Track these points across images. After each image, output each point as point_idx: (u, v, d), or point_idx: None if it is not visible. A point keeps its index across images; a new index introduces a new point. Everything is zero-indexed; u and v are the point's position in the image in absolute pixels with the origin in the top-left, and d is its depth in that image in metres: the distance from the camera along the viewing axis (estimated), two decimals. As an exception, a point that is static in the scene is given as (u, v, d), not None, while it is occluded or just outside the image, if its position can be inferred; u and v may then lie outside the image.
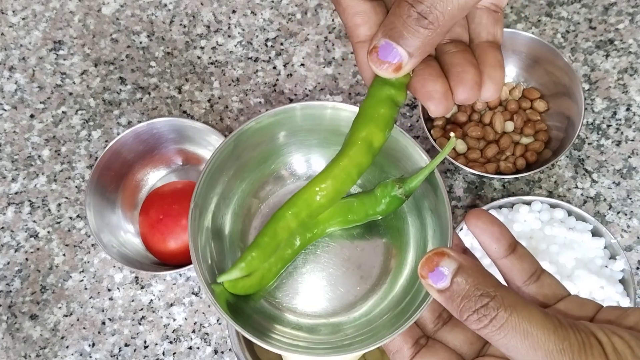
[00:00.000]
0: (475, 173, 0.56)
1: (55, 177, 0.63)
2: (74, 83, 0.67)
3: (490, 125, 0.61)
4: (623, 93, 0.63)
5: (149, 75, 0.66)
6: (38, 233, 0.61)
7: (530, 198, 0.55)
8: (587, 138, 0.62)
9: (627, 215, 0.59)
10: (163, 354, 0.56)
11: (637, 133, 0.61)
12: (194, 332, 0.57)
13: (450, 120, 0.62)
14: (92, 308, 0.58)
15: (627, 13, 0.66)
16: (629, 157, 0.61)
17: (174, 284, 0.58)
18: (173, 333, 0.57)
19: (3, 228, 0.61)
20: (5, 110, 0.66)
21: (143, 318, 0.57)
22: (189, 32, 0.68)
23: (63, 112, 0.65)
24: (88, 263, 0.59)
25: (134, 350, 0.56)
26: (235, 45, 0.67)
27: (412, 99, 0.64)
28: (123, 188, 0.59)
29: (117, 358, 0.56)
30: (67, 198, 0.62)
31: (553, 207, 0.54)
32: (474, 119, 0.61)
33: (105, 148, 0.55)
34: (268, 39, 0.68)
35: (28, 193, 0.62)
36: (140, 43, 0.68)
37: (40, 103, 0.66)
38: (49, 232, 0.61)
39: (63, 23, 0.69)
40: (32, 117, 0.65)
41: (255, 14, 0.69)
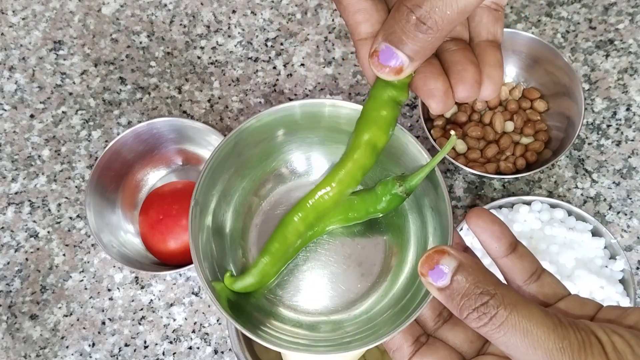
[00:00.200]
0: (475, 173, 0.56)
1: (55, 177, 0.63)
2: (74, 83, 0.67)
3: (490, 125, 0.61)
4: (623, 93, 0.63)
5: (149, 75, 0.66)
6: (38, 233, 0.61)
7: (530, 198, 0.55)
8: (587, 138, 0.62)
9: (627, 215, 0.59)
10: (163, 354, 0.56)
11: (637, 133, 0.61)
12: (194, 332, 0.57)
13: (450, 120, 0.62)
14: (92, 308, 0.58)
15: (627, 13, 0.66)
16: (629, 157, 0.61)
17: (174, 284, 0.58)
18: (173, 333, 0.57)
19: (3, 228, 0.61)
20: (5, 110, 0.66)
21: (143, 318, 0.57)
22: (189, 32, 0.68)
23: (63, 112, 0.65)
24: (88, 263, 0.59)
25: (134, 350, 0.56)
26: (235, 45, 0.67)
27: (412, 99, 0.64)
28: (123, 188, 0.59)
29: (117, 358, 0.56)
30: (67, 198, 0.62)
31: (553, 207, 0.54)
32: (474, 119, 0.61)
33: (105, 148, 0.55)
34: (268, 39, 0.68)
35: (28, 193, 0.62)
36: (140, 43, 0.68)
37: (40, 103, 0.66)
38: (49, 232, 0.61)
39: (63, 23, 0.69)
40: (32, 117, 0.65)
41: (255, 14, 0.69)
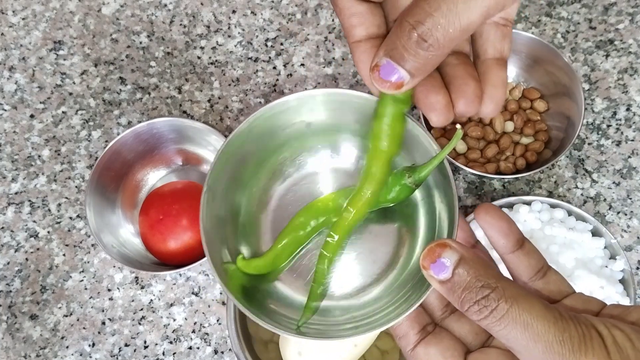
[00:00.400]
0: (475, 173, 0.56)
1: (55, 177, 0.63)
2: (74, 83, 0.67)
3: (490, 125, 0.61)
4: (623, 93, 0.63)
5: (149, 75, 0.66)
6: (38, 233, 0.61)
7: (530, 198, 0.55)
8: (587, 138, 0.62)
9: (627, 215, 0.59)
10: (163, 354, 0.56)
11: (637, 133, 0.61)
12: (194, 332, 0.57)
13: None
14: (92, 308, 0.58)
15: (627, 13, 0.66)
16: (629, 157, 0.61)
17: (174, 284, 0.58)
18: (173, 333, 0.57)
19: (3, 228, 0.61)
20: (5, 110, 0.66)
21: (143, 318, 0.57)
22: (189, 32, 0.68)
23: (63, 112, 0.65)
24: (88, 263, 0.59)
25: (134, 350, 0.56)
26: (235, 45, 0.67)
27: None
28: (123, 188, 0.59)
29: (117, 358, 0.56)
30: (67, 198, 0.62)
31: (553, 207, 0.54)
32: (474, 119, 0.61)
33: (105, 148, 0.55)
34: (268, 39, 0.68)
35: (28, 193, 0.62)
36: (140, 43, 0.68)
37: (40, 103, 0.66)
38: (49, 232, 0.61)
39: (63, 23, 0.69)
40: (32, 117, 0.65)
41: (255, 14, 0.69)
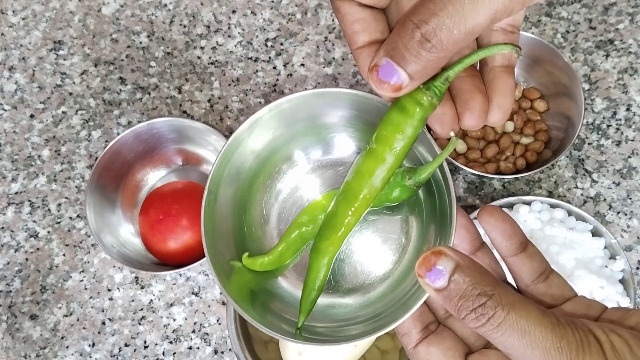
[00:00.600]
0: (475, 173, 0.56)
1: (55, 177, 0.63)
2: (74, 83, 0.67)
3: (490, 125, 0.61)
4: (623, 93, 0.63)
5: (149, 75, 0.66)
6: (38, 233, 0.61)
7: (530, 198, 0.55)
8: (587, 138, 0.62)
9: (627, 215, 0.59)
10: (163, 354, 0.56)
11: (637, 133, 0.61)
12: (194, 332, 0.57)
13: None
14: (92, 308, 0.58)
15: (627, 13, 0.66)
16: (629, 157, 0.61)
17: (174, 284, 0.58)
18: (173, 333, 0.57)
19: (3, 228, 0.61)
20: (5, 110, 0.66)
21: (143, 318, 0.57)
22: (189, 32, 0.68)
23: (63, 112, 0.65)
24: (88, 263, 0.59)
25: (134, 350, 0.56)
26: (235, 45, 0.67)
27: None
28: (123, 188, 0.59)
29: (117, 358, 0.56)
30: (67, 198, 0.62)
31: (553, 207, 0.54)
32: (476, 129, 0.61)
33: (105, 148, 0.55)
34: (268, 39, 0.68)
35: (28, 193, 0.62)
36: (140, 43, 0.68)
37: (40, 103, 0.66)
38: (49, 232, 0.61)
39: (63, 23, 0.69)
40: (32, 117, 0.65)
41: (255, 14, 0.69)
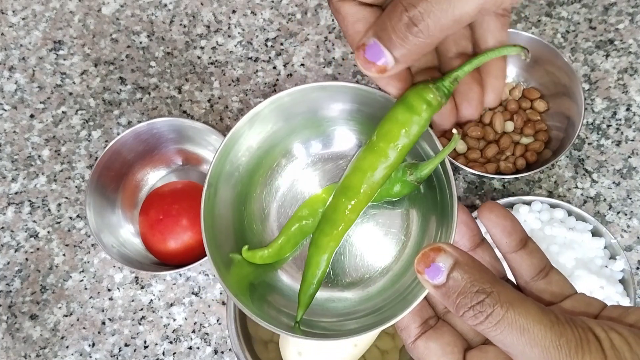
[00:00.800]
0: (475, 173, 0.56)
1: (55, 177, 0.63)
2: (74, 83, 0.67)
3: (490, 125, 0.61)
4: (623, 93, 0.63)
5: (149, 75, 0.66)
6: (38, 233, 0.61)
7: (530, 198, 0.55)
8: (587, 138, 0.62)
9: (627, 215, 0.59)
10: (163, 354, 0.56)
11: (637, 133, 0.61)
12: (194, 332, 0.57)
13: (450, 120, 0.62)
14: (92, 308, 0.58)
15: (627, 13, 0.66)
16: (629, 157, 0.61)
17: (174, 284, 0.58)
18: (173, 333, 0.57)
19: (3, 228, 0.61)
20: (5, 110, 0.66)
21: (143, 318, 0.57)
22: (189, 32, 0.68)
23: (63, 112, 0.65)
24: (88, 263, 0.59)
25: (134, 350, 0.56)
26: (235, 45, 0.67)
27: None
28: (123, 188, 0.59)
29: (117, 358, 0.56)
30: (67, 198, 0.62)
31: (553, 207, 0.54)
32: (474, 119, 0.61)
33: (105, 148, 0.55)
34: (268, 39, 0.68)
35: (28, 193, 0.62)
36: (140, 43, 0.68)
37: (40, 103, 0.66)
38: (49, 232, 0.61)
39: (63, 23, 0.69)
40: (32, 117, 0.65)
41: (255, 14, 0.69)
